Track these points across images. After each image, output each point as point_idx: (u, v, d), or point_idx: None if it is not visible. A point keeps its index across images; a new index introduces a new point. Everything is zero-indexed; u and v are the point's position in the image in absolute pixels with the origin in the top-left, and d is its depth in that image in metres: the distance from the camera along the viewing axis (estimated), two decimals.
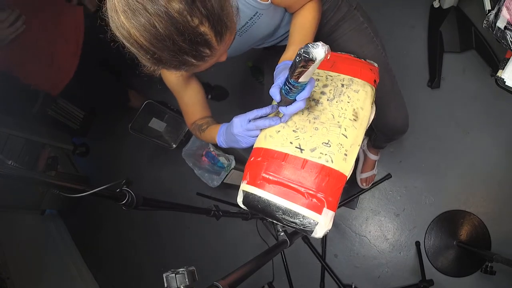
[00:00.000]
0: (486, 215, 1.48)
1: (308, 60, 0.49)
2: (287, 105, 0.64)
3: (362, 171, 1.62)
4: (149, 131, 1.91)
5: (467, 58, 1.60)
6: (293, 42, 0.79)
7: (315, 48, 0.49)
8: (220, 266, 1.85)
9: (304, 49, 0.49)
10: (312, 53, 0.49)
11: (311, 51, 0.49)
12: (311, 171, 0.64)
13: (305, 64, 0.51)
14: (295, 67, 0.52)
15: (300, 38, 0.79)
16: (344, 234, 1.67)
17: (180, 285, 0.52)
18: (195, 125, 0.95)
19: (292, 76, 0.55)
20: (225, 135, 0.79)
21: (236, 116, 0.73)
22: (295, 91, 0.59)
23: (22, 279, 1.66)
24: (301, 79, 0.55)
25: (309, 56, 0.49)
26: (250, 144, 0.76)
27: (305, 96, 0.61)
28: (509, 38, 0.78)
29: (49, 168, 2.09)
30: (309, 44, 0.49)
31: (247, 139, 0.75)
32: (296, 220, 0.63)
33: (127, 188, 0.76)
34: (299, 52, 0.50)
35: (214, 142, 0.85)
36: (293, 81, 0.56)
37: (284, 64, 0.72)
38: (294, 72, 0.54)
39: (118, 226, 2.19)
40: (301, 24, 0.81)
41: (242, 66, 1.90)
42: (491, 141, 1.53)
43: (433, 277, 1.46)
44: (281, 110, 0.66)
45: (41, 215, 2.21)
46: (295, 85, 0.57)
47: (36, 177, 0.59)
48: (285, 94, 0.61)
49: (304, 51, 0.49)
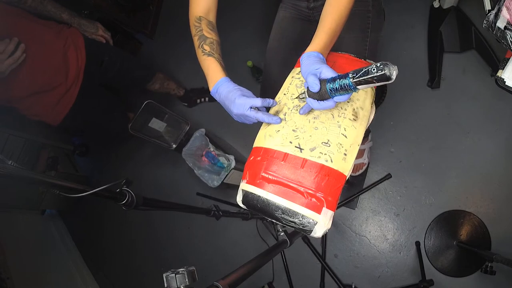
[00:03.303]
0: (486, 215, 1.48)
1: (385, 78, 0.50)
2: (320, 99, 0.62)
3: None
4: (149, 131, 1.91)
5: (467, 58, 1.60)
6: (325, 28, 0.72)
7: (395, 70, 0.50)
8: (220, 266, 1.85)
9: (388, 66, 0.49)
10: (392, 73, 0.50)
11: (392, 71, 0.50)
12: (311, 171, 0.64)
13: (379, 79, 0.51)
14: (366, 75, 0.52)
15: (334, 26, 0.73)
16: (344, 234, 1.67)
17: (180, 285, 0.52)
18: (199, 27, 0.85)
19: (356, 80, 0.54)
20: (221, 97, 0.76)
21: (239, 95, 0.71)
22: (342, 92, 0.58)
23: (22, 279, 1.66)
24: (360, 87, 0.55)
25: (389, 75, 0.50)
26: (242, 123, 0.76)
27: (343, 100, 0.60)
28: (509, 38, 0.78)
29: (49, 168, 2.09)
30: (390, 64, 0.49)
31: (241, 120, 0.75)
32: (295, 219, 0.63)
33: (127, 188, 0.76)
34: (380, 66, 0.50)
35: (206, 76, 0.81)
36: (352, 85, 0.55)
37: (317, 56, 0.67)
38: (360, 78, 0.53)
39: (118, 226, 2.19)
40: (339, 10, 0.74)
41: (242, 66, 1.91)
42: (491, 141, 1.53)
43: (433, 277, 1.46)
44: (310, 102, 0.63)
45: (41, 215, 2.21)
46: (350, 89, 0.56)
47: (36, 177, 0.59)
48: (328, 90, 0.59)
49: (387, 68, 0.49)
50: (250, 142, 0.75)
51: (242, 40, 2.08)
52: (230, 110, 0.74)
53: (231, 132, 1.99)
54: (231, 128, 1.99)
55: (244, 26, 2.09)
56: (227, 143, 1.96)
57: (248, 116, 0.70)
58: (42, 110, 1.54)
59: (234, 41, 2.09)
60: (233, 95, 0.72)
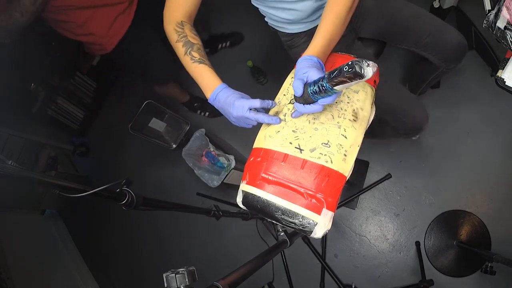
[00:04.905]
0: (486, 215, 1.48)
1: (357, 76, 0.49)
2: (306, 103, 0.62)
3: None
4: (149, 131, 1.91)
5: (467, 58, 1.58)
6: (322, 32, 0.71)
7: (368, 66, 0.48)
8: (220, 266, 1.85)
9: (358, 63, 0.48)
10: (365, 70, 0.48)
11: (364, 68, 0.48)
12: (311, 172, 0.64)
13: (352, 77, 0.50)
14: (339, 75, 0.51)
15: (332, 29, 0.71)
16: (344, 234, 1.67)
17: (180, 285, 0.52)
18: (182, 33, 0.79)
19: (331, 81, 0.54)
20: (220, 103, 0.74)
21: (238, 98, 0.71)
22: (323, 95, 0.58)
23: (22, 279, 1.66)
24: (337, 87, 0.54)
25: (361, 72, 0.48)
26: (242, 127, 0.75)
27: (328, 103, 0.60)
28: (509, 38, 0.78)
29: (49, 168, 2.09)
30: (363, 60, 0.48)
31: (241, 123, 0.74)
32: (295, 220, 0.63)
33: (127, 188, 0.76)
34: (351, 63, 0.49)
35: (199, 84, 0.77)
36: (328, 86, 0.55)
37: (310, 60, 0.67)
38: (335, 79, 0.53)
39: (118, 226, 2.19)
40: (336, 12, 0.72)
41: (242, 66, 1.90)
42: (491, 141, 1.53)
43: (433, 277, 1.46)
44: (296, 107, 0.64)
45: (41, 215, 2.21)
46: (328, 90, 0.56)
47: (36, 177, 0.59)
48: (310, 93, 0.59)
49: (357, 66, 0.48)
50: (250, 142, 0.74)
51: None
52: (229, 114, 0.73)
53: (231, 132, 1.99)
54: (231, 128, 1.96)
55: (244, 26, 2.09)
56: (227, 143, 1.96)
57: (247, 118, 0.70)
58: (99, 27, 1.43)
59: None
60: (232, 99, 0.71)
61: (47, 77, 2.04)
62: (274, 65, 1.93)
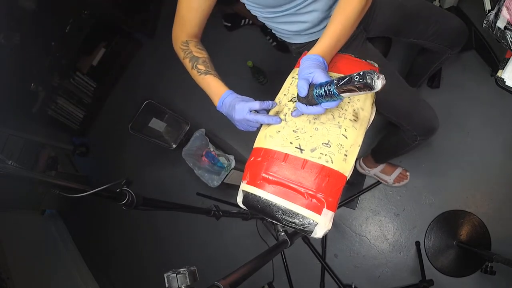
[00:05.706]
0: (486, 215, 1.48)
1: (367, 87, 0.49)
2: (308, 104, 0.62)
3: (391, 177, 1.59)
4: (149, 131, 1.91)
5: (467, 58, 1.60)
6: (330, 32, 0.71)
7: (379, 79, 0.48)
8: (220, 266, 1.85)
9: (370, 75, 0.48)
10: (376, 83, 0.48)
11: (375, 80, 0.48)
12: (311, 172, 0.64)
13: (362, 88, 0.50)
14: (349, 83, 0.51)
15: (340, 29, 0.71)
16: (344, 234, 1.67)
17: (181, 285, 0.52)
18: (187, 50, 0.85)
19: (339, 88, 0.54)
20: (226, 108, 0.77)
21: (239, 101, 0.73)
22: (328, 99, 0.58)
23: (22, 279, 1.66)
24: (344, 94, 0.54)
25: (371, 84, 0.48)
26: (247, 131, 0.77)
27: (331, 107, 0.61)
28: (509, 38, 0.78)
29: (49, 168, 2.09)
30: (374, 72, 0.48)
31: (244, 127, 0.75)
32: (295, 220, 0.63)
33: (127, 188, 0.76)
34: (362, 74, 0.49)
35: (207, 93, 0.81)
36: (335, 91, 0.55)
37: (315, 59, 0.67)
38: (344, 86, 0.53)
39: (118, 226, 2.19)
40: (346, 14, 0.71)
41: (242, 66, 1.90)
42: (491, 141, 1.53)
43: (433, 277, 1.46)
44: (298, 107, 0.64)
45: (41, 215, 2.21)
46: (334, 95, 0.56)
47: (36, 177, 0.59)
48: (315, 96, 0.59)
49: (369, 77, 0.48)
50: (250, 142, 0.75)
51: (242, 40, 2.08)
52: (233, 118, 0.75)
53: (231, 132, 1.99)
54: (231, 128, 1.96)
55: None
56: (227, 143, 1.96)
57: (248, 120, 0.71)
58: None
59: (234, 41, 2.09)
60: (234, 102, 0.73)
61: (47, 77, 2.04)
62: (274, 65, 1.93)
